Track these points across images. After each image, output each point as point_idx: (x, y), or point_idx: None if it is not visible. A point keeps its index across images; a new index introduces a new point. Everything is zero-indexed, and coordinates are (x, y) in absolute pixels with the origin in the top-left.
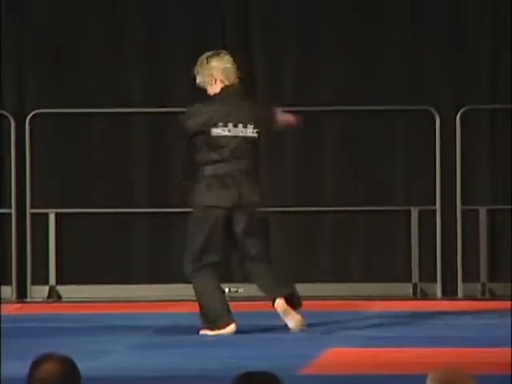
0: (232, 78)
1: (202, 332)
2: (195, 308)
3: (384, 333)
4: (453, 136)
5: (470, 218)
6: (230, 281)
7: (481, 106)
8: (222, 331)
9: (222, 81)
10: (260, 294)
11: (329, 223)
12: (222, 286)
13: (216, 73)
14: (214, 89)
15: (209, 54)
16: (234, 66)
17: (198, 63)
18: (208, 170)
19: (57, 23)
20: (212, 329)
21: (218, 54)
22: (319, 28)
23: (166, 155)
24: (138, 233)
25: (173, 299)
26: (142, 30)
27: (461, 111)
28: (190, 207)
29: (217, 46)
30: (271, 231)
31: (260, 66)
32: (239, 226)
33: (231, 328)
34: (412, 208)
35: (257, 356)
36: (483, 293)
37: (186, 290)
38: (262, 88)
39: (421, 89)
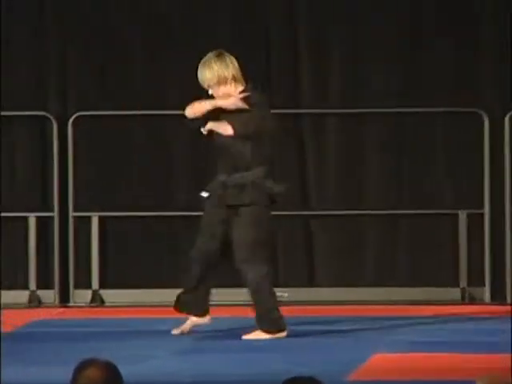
0: None
1: (256, 335)
2: (237, 312)
3: (431, 338)
4: (502, 138)
5: None
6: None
7: None
8: (280, 334)
9: (240, 80)
10: (305, 298)
11: (374, 227)
12: None
13: (237, 72)
14: (230, 88)
15: (218, 52)
16: None
17: (216, 63)
18: (265, 168)
19: (101, 24)
20: (273, 332)
21: (226, 54)
22: (367, 29)
23: (210, 157)
24: (182, 236)
25: (217, 304)
26: (184, 31)
27: (510, 113)
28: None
29: (261, 46)
30: (317, 234)
31: (305, 67)
32: None
33: (286, 332)
34: (460, 212)
35: (302, 361)
36: None
37: (228, 294)
38: (307, 88)
39: (469, 91)
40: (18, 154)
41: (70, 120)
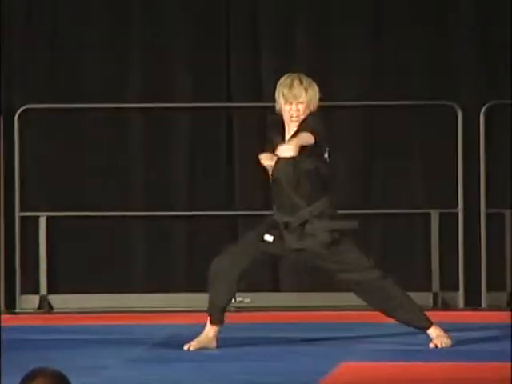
0: None
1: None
2: (196, 319)
3: (402, 346)
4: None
5: (495, 222)
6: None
7: (506, 101)
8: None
9: None
10: (268, 304)
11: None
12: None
13: None
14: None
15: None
16: None
17: (310, 85)
18: (327, 199)
19: (49, 16)
20: None
21: None
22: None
23: (163, 150)
24: (136, 238)
25: (172, 309)
26: (143, 20)
27: (484, 107)
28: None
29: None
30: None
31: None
32: None
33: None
34: (432, 211)
35: (265, 371)
36: (509, 303)
37: (187, 300)
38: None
39: (442, 83)
40: None
41: (17, 113)
